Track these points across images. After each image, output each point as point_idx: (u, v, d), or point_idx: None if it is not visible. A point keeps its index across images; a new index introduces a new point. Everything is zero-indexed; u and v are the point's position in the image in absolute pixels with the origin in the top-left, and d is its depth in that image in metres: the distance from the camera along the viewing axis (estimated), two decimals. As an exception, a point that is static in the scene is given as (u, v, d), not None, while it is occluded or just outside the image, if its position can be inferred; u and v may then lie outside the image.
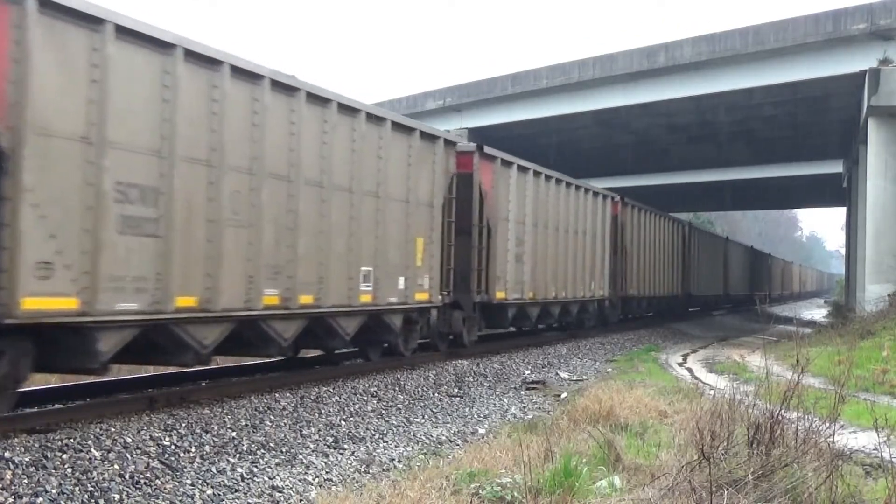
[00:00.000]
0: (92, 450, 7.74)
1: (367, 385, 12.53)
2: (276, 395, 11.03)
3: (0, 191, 7.78)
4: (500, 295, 17.89)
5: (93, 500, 6.87)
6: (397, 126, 13.87)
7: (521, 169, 19.15)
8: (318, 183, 11.86)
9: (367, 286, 12.98)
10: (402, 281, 13.99)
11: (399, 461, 8.97)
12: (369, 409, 11.49)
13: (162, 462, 7.91)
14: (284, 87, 11.21)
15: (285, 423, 9.91)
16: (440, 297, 15.41)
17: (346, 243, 12.49)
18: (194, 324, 9.87)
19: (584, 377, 16.60)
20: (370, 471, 8.53)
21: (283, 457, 8.77)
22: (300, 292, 11.43)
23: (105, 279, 8.59)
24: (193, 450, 8.39)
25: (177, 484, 7.48)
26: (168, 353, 10.00)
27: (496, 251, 17.64)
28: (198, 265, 9.78)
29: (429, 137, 14.96)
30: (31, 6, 7.90)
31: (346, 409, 11.16)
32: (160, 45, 9.24)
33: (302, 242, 11.44)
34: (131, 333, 9.09)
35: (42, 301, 8.03)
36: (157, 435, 8.49)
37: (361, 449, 9.50)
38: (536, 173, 19.94)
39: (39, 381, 11.90)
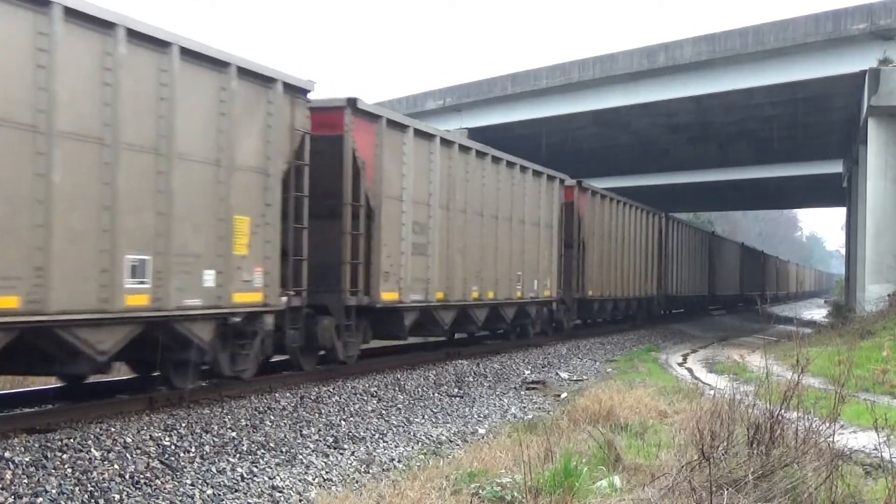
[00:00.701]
0: (92, 450, 7.74)
1: (367, 385, 12.52)
2: (276, 395, 11.03)
3: None
4: (388, 296, 13.89)
5: (93, 500, 6.88)
6: (192, 55, 9.73)
7: (422, 135, 15.03)
8: (30, 126, 7.92)
9: (141, 282, 9.13)
10: (209, 275, 10.10)
11: (399, 461, 8.98)
12: (369, 409, 11.49)
13: (162, 462, 7.91)
14: None
15: (285, 423, 9.91)
16: (283, 298, 11.43)
17: (94, 219, 8.61)
18: None
19: (584, 377, 16.61)
20: (370, 471, 8.54)
21: (283, 457, 8.77)
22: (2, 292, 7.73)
23: None
24: (193, 450, 8.40)
25: (177, 484, 7.48)
26: None
27: (381, 239, 13.66)
28: None
29: (256, 78, 10.86)
30: None
31: (346, 409, 11.16)
32: None
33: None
34: None
35: None
36: (157, 435, 8.49)
37: (361, 449, 9.50)
38: (446, 142, 15.88)
39: (40, 382, 11.90)
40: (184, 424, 8.98)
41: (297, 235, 11.75)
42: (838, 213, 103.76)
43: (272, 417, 9.99)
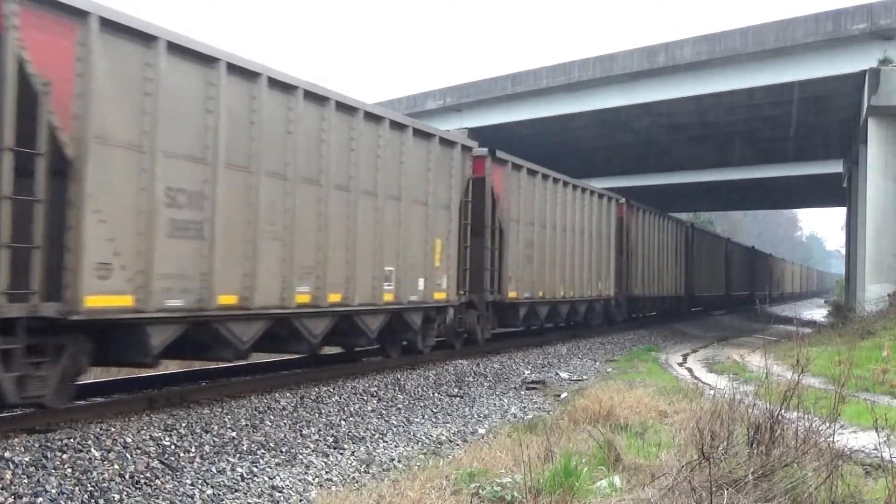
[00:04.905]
0: (92, 450, 7.73)
1: (367, 385, 12.52)
2: (276, 395, 11.03)
3: (65, 196, 8.21)
4: (512, 294, 18.65)
5: (93, 500, 6.87)
6: (417, 132, 14.52)
7: (530, 172, 19.90)
8: (344, 187, 12.46)
9: (389, 285, 13.66)
10: (421, 281, 14.64)
11: (399, 461, 8.97)
12: (369, 409, 11.49)
13: (162, 462, 7.90)
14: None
15: (285, 423, 9.90)
16: (457, 296, 16.08)
17: (371, 245, 13.11)
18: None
19: (584, 377, 16.59)
20: (370, 471, 8.53)
21: (283, 457, 8.76)
22: (329, 291, 12.08)
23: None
24: (193, 450, 8.39)
25: (177, 484, 7.48)
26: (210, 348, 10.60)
27: (508, 252, 18.41)
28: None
29: (447, 143, 15.64)
30: (94, 24, 8.40)
31: (346, 409, 11.16)
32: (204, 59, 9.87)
33: (331, 244, 12.11)
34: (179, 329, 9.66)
35: (102, 299, 8.53)
36: (157, 435, 8.48)
37: (361, 449, 9.50)
38: (545, 176, 20.65)
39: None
40: (184, 424, 8.97)
41: (463, 252, 16.54)
42: (838, 213, 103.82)
43: (272, 417, 9.98)
